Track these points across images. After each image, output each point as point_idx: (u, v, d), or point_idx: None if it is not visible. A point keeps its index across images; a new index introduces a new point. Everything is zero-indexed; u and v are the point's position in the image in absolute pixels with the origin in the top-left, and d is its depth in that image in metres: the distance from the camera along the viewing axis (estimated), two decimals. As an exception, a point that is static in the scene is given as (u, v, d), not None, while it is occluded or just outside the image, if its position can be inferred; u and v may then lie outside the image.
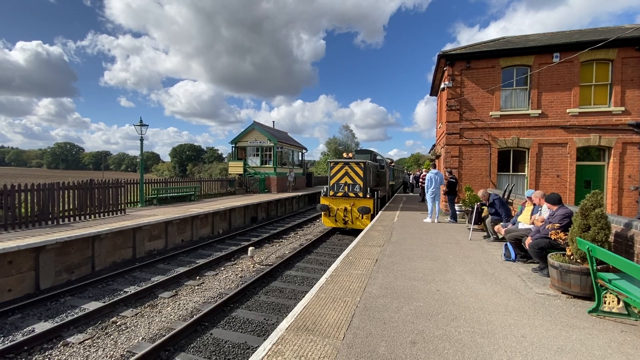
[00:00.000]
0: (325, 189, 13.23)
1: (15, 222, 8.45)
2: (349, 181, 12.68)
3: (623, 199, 11.22)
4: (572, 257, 4.43)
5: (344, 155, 14.15)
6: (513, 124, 12.09)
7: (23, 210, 8.73)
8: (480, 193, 8.39)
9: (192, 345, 4.94)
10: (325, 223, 13.26)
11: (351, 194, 12.63)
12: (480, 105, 12.41)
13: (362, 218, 12.21)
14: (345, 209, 12.58)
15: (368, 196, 12.44)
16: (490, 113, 12.27)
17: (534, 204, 6.59)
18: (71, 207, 9.94)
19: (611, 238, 4.55)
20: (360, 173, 12.54)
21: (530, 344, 3.21)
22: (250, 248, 9.48)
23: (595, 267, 3.88)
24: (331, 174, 13.02)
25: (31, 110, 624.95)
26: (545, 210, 6.14)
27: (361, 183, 12.51)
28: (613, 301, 3.79)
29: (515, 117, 12.10)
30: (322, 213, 13.18)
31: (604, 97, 11.50)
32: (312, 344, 3.20)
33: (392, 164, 25.39)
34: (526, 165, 12.21)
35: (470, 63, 12.40)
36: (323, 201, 13.05)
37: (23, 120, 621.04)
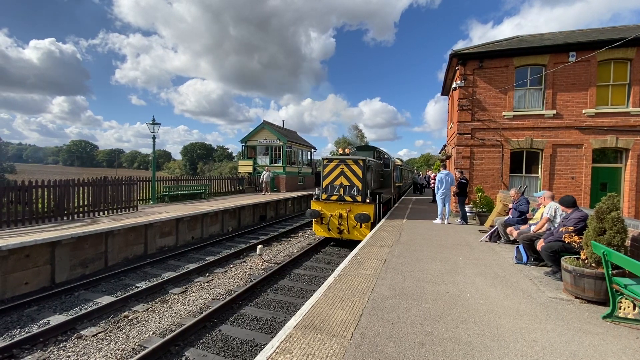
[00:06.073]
0: (316, 192, 11.30)
1: (32, 217, 8.70)
2: (345, 182, 10.77)
3: (641, 202, 10.90)
4: (586, 261, 4.33)
5: (340, 151, 11.96)
6: (526, 124, 11.85)
7: (40, 205, 8.98)
8: (512, 192, 8.08)
9: (201, 340, 5.01)
10: (317, 232, 11.21)
11: (347, 198, 10.72)
12: (493, 105, 12.20)
13: (361, 227, 10.29)
14: (341, 216, 10.58)
15: (368, 201, 10.53)
16: (503, 113, 12.05)
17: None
18: (85, 203, 10.19)
19: (627, 242, 4.42)
20: (359, 173, 10.65)
21: (541, 348, 3.15)
22: (259, 246, 9.55)
23: (610, 272, 3.78)
24: (324, 174, 11.10)
25: (46, 108, 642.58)
26: (546, 210, 6.03)
27: (359, 185, 10.62)
28: (629, 307, 3.69)
29: (529, 118, 11.87)
30: (313, 220, 11.14)
31: (622, 97, 11.18)
32: (320, 342, 3.21)
33: (401, 164, 25.02)
34: (540, 166, 11.96)
35: (483, 62, 12.20)
36: (314, 206, 11.02)
37: (38, 117, 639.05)
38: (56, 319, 5.62)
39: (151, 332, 5.25)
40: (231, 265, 8.90)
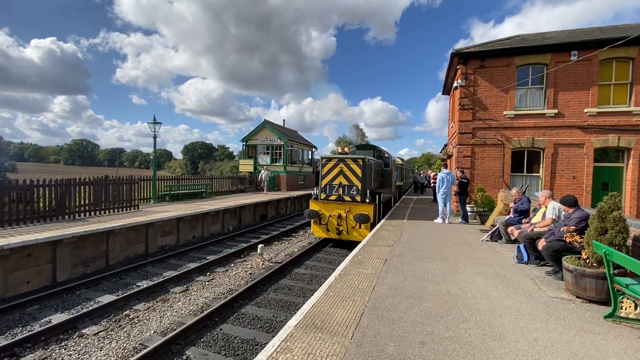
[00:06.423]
0: (315, 192, 11.17)
1: (33, 216, 8.71)
2: (345, 182, 10.61)
3: (642, 201, 10.87)
4: (587, 261, 4.32)
5: (339, 149, 11.90)
6: (528, 123, 11.83)
7: (41, 204, 9.00)
8: (514, 191, 8.04)
9: (202, 339, 5.02)
10: (315, 232, 11.13)
11: (347, 198, 10.56)
12: (494, 104, 12.18)
13: (360, 228, 10.21)
14: (340, 216, 10.47)
15: (367, 201, 10.39)
16: (505, 112, 12.04)
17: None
18: (86, 202, 10.20)
19: (629, 242, 4.41)
20: (358, 172, 10.48)
21: (542, 348, 3.15)
22: (260, 245, 9.55)
23: (612, 271, 3.78)
24: (323, 173, 10.89)
25: (47, 108, 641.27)
26: (550, 211, 6.03)
27: (359, 184, 10.45)
28: (630, 306, 3.69)
29: (530, 117, 11.84)
30: (312, 221, 11.05)
31: (624, 96, 11.15)
32: (321, 341, 3.21)
33: (401, 163, 24.94)
34: (541, 166, 11.94)
35: (484, 61, 12.18)
36: (312, 206, 10.91)
37: (40, 117, 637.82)
38: (58, 318, 5.64)
39: (152, 331, 5.26)
40: (232, 265, 8.91)
